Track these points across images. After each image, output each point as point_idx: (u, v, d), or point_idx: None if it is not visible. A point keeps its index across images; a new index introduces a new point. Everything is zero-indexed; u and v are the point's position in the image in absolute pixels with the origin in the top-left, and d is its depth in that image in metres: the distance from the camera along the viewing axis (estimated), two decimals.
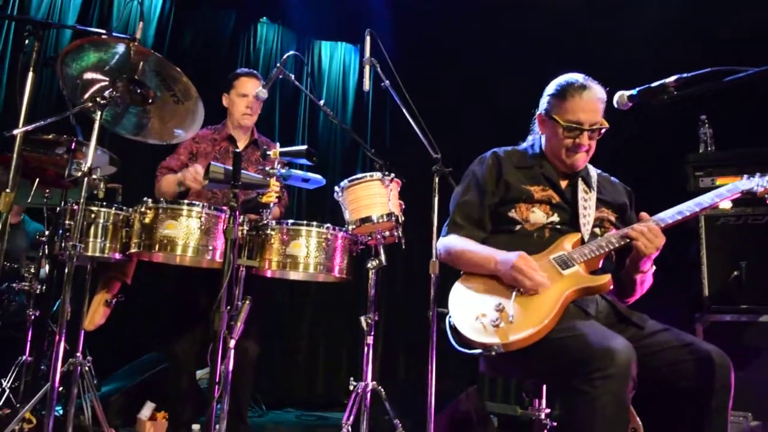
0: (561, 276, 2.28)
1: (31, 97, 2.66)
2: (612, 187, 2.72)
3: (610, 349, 1.93)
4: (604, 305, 2.40)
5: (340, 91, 6.90)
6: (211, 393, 2.33)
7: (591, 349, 1.96)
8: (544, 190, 2.54)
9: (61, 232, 3.02)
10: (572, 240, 2.42)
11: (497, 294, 2.27)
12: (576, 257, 2.33)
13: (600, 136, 2.52)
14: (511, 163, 2.63)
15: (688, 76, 2.09)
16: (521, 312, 2.17)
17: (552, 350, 2.11)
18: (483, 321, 2.19)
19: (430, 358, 2.99)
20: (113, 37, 2.81)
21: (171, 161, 3.73)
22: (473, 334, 2.18)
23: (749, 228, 3.66)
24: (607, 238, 2.39)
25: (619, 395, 1.92)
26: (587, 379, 1.92)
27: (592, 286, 2.27)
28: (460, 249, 2.50)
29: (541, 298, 2.20)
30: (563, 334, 2.11)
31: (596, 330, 2.08)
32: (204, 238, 2.92)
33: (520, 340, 2.10)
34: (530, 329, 2.10)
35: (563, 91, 2.50)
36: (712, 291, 3.68)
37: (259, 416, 5.23)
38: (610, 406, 1.91)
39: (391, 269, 3.27)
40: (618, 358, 1.91)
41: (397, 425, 3.12)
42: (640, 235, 2.30)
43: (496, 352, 2.10)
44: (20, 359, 3.78)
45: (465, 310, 2.29)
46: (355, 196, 3.08)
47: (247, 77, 3.87)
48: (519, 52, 5.61)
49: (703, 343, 2.23)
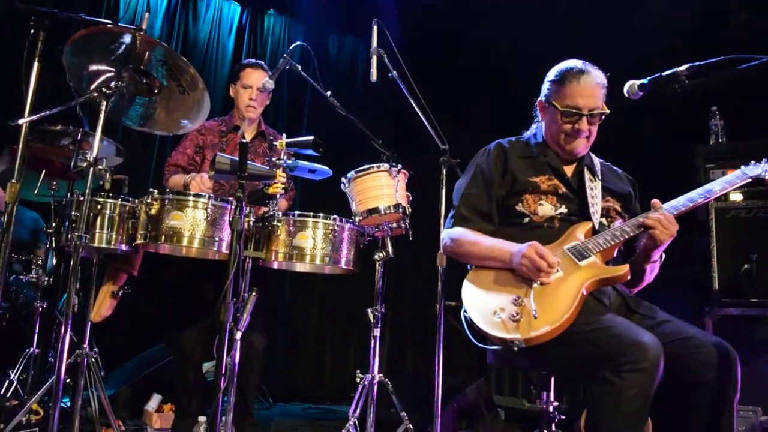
0: (578, 267, 2.25)
1: (37, 88, 2.65)
2: (615, 176, 2.71)
3: (642, 343, 1.93)
4: (615, 296, 2.38)
5: (347, 83, 6.88)
6: (217, 385, 2.32)
7: (622, 343, 1.96)
8: (549, 180, 2.52)
9: (67, 224, 3.01)
10: (584, 229, 2.40)
11: (513, 287, 2.24)
12: (591, 247, 2.31)
13: (600, 121, 2.51)
14: (515, 153, 2.61)
15: (700, 65, 2.06)
16: (541, 306, 2.13)
17: (577, 343, 2.09)
18: (502, 316, 2.16)
19: (437, 350, 2.99)
20: (119, 27, 2.80)
21: (178, 157, 3.71)
22: (492, 329, 2.15)
23: (760, 221, 3.63)
24: (621, 227, 2.36)
25: (646, 389, 1.92)
26: (617, 371, 1.92)
27: (611, 277, 2.25)
28: (470, 241, 2.47)
29: (560, 291, 2.17)
30: (588, 328, 2.09)
31: (625, 324, 2.07)
32: (210, 229, 2.91)
33: (543, 335, 2.07)
34: (552, 324, 2.08)
35: (562, 76, 2.49)
36: (722, 284, 3.65)
37: (266, 409, 5.24)
38: (638, 398, 1.91)
39: (398, 261, 3.26)
40: (649, 352, 1.91)
41: (404, 418, 3.11)
42: (657, 223, 2.28)
43: (517, 347, 2.08)
44: (28, 351, 3.80)
45: (481, 305, 2.25)
46: (362, 188, 3.07)
47: (252, 68, 3.84)
48: (528, 43, 5.57)
49: (708, 335, 2.21)
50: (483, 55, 6.16)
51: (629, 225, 2.35)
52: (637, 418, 1.93)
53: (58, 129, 3.28)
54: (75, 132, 3.26)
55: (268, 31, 6.56)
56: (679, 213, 2.34)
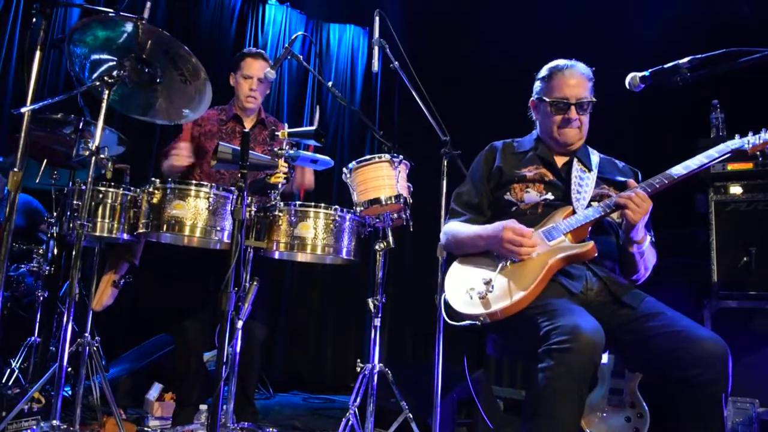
0: (546, 246, 2.34)
1: (39, 77, 2.65)
2: (615, 168, 2.73)
3: (577, 326, 1.94)
4: (597, 283, 2.37)
5: (349, 73, 6.87)
6: (218, 374, 2.33)
7: (557, 323, 1.98)
8: (537, 169, 2.61)
9: (69, 213, 3.02)
10: (563, 213, 2.46)
11: (487, 268, 2.37)
12: (562, 228, 2.38)
13: (590, 110, 2.60)
14: (507, 151, 2.74)
15: (702, 57, 2.07)
16: (506, 282, 2.26)
17: (524, 322, 2.15)
18: (471, 294, 2.30)
19: (437, 340, 3.00)
20: (121, 16, 2.80)
21: (172, 145, 3.72)
22: (462, 306, 2.30)
23: (759, 214, 3.63)
24: (594, 207, 2.41)
25: (574, 371, 1.91)
26: (549, 350, 1.94)
27: (575, 254, 2.30)
28: (455, 232, 2.61)
29: (526, 268, 2.28)
30: (536, 310, 2.14)
31: (569, 307, 2.10)
32: (212, 218, 2.92)
33: (503, 308, 2.18)
34: (513, 298, 2.18)
35: (550, 72, 2.63)
36: (721, 277, 3.65)
37: (266, 398, 5.26)
38: (564, 378, 1.91)
39: (398, 252, 3.27)
40: (582, 335, 1.91)
41: (404, 407, 3.13)
42: (628, 201, 2.30)
43: (482, 322, 2.21)
44: (29, 340, 3.81)
45: (457, 286, 2.40)
46: (363, 178, 3.07)
47: (253, 58, 3.81)
48: (531, 36, 5.56)
49: (699, 329, 2.15)
50: (485, 45, 6.14)
51: (601, 205, 2.40)
52: (562, 400, 1.92)
53: (59, 118, 3.28)
54: (77, 121, 3.26)
55: (269, 21, 6.53)
56: (654, 191, 2.36)
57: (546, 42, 4.59)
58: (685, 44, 2.49)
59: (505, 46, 5.80)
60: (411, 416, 3.13)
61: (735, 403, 3.40)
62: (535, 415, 1.96)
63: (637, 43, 4.84)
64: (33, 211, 4.68)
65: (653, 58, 2.28)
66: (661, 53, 2.42)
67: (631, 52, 3.73)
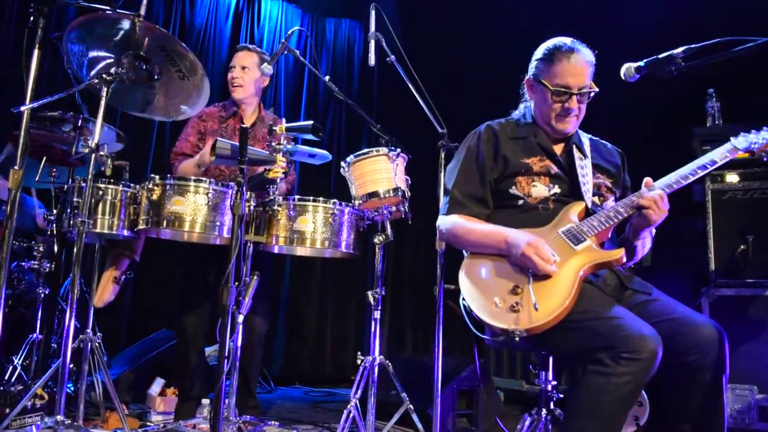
0: (574, 252, 2.24)
1: (37, 75, 2.66)
2: (604, 150, 2.68)
3: (643, 335, 1.93)
4: (610, 275, 2.37)
5: (345, 67, 6.88)
6: (220, 368, 2.35)
7: (623, 333, 1.95)
8: (541, 161, 2.49)
9: (69, 210, 3.03)
10: (577, 210, 2.38)
11: (511, 276, 2.21)
12: (586, 230, 2.29)
13: (589, 99, 2.48)
14: (505, 135, 2.57)
15: (696, 47, 2.07)
16: (540, 295, 2.11)
17: (579, 331, 2.08)
18: (500, 306, 2.14)
19: (437, 332, 3.02)
20: (118, 13, 2.80)
21: (182, 145, 3.71)
22: (492, 320, 2.13)
23: (756, 202, 3.65)
24: (615, 207, 2.34)
25: (638, 379, 1.92)
26: (615, 357, 1.92)
27: (607, 261, 2.24)
28: (466, 229, 2.43)
29: (558, 278, 2.15)
30: (592, 317, 2.07)
31: (629, 315, 2.06)
32: (211, 214, 2.93)
33: (542, 324, 2.06)
34: (552, 313, 2.06)
35: (551, 54, 2.44)
36: (719, 265, 3.67)
37: (268, 392, 5.28)
38: (627, 386, 1.91)
39: (397, 244, 3.29)
40: (649, 345, 1.92)
41: (405, 399, 3.15)
42: (652, 203, 2.25)
43: (519, 337, 2.06)
44: (31, 337, 3.82)
45: (479, 294, 2.23)
46: (361, 171, 3.08)
47: (237, 50, 3.86)
48: (526, 29, 5.55)
49: (695, 315, 2.17)
50: (481, 39, 6.14)
51: (623, 206, 2.33)
52: (620, 405, 1.94)
53: (57, 115, 3.29)
54: (75, 118, 3.27)
55: (265, 16, 6.52)
56: (672, 191, 2.33)
57: (547, 36, 4.60)
58: (679, 34, 2.49)
59: (503, 36, 5.80)
60: (412, 407, 3.15)
61: (734, 390, 3.42)
62: (590, 416, 1.96)
63: (632, 32, 4.86)
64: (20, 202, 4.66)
65: (645, 47, 2.28)
66: (652, 41, 2.41)
67: (623, 41, 3.74)
